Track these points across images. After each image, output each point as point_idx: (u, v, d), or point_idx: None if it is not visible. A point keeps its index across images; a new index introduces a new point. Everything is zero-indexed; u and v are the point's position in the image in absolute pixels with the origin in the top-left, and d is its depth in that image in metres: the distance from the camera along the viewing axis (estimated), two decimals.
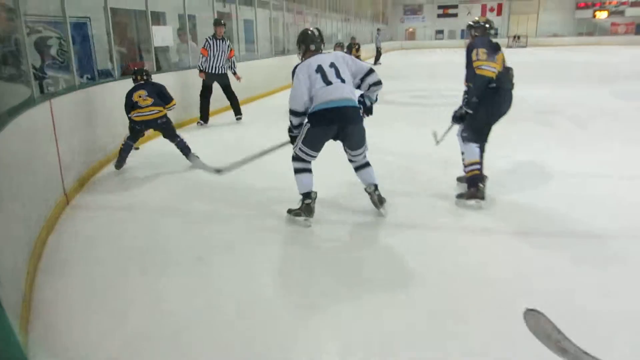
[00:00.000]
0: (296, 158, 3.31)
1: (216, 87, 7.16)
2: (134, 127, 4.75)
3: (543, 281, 2.54)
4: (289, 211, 3.37)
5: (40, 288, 2.56)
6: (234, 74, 7.30)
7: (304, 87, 3.19)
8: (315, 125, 3.19)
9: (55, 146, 3.76)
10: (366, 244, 3.11)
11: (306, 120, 3.25)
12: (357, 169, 3.44)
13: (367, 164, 3.42)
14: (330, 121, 3.16)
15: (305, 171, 3.32)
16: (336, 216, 3.50)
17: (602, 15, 39.30)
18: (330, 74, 3.18)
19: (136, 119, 4.69)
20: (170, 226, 3.45)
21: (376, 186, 3.40)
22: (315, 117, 3.18)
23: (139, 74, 4.90)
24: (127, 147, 4.77)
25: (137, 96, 4.69)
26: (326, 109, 3.12)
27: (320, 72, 3.18)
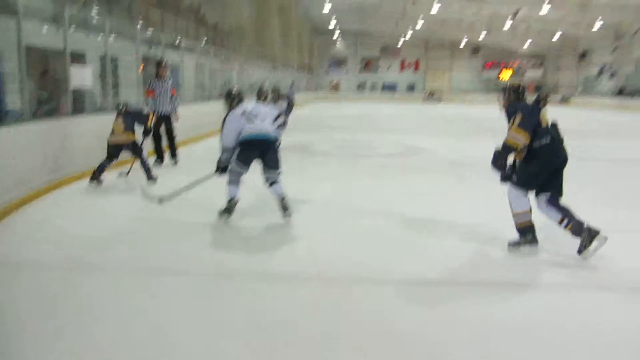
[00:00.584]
0: (231, 171, 4.42)
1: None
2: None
3: None
4: (220, 212, 4.43)
5: None
6: (175, 113, 7.23)
7: (234, 129, 4.39)
8: (245, 148, 4.37)
9: None
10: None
11: (238, 144, 4.37)
12: (270, 184, 4.44)
13: (278, 181, 4.45)
14: (255, 147, 4.38)
15: (235, 183, 4.40)
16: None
17: (505, 75, 43.33)
18: (253, 116, 4.44)
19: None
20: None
21: (283, 197, 4.39)
22: (245, 143, 4.37)
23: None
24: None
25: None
26: (253, 138, 4.36)
27: (246, 115, 4.43)
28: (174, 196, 4.65)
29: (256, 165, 4.44)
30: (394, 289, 3.18)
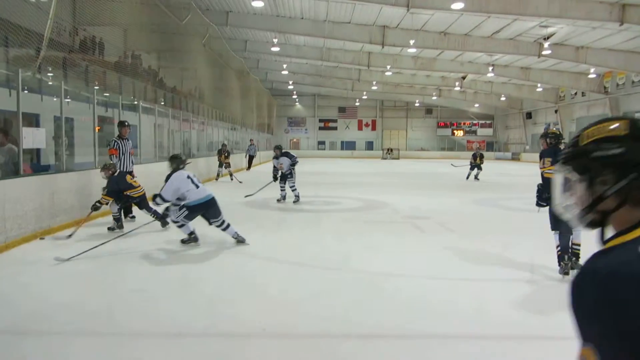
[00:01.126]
0: (179, 225, 5.68)
1: None
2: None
3: None
4: (182, 241, 5.79)
5: None
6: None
7: (176, 186, 5.57)
8: (192, 211, 5.61)
9: None
10: None
11: (185, 207, 5.57)
12: (223, 229, 5.77)
13: (227, 225, 5.78)
14: (201, 208, 5.64)
15: (185, 226, 5.69)
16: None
17: (458, 133, 45.38)
18: (197, 181, 5.72)
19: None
20: None
21: (237, 233, 5.77)
22: (192, 207, 5.59)
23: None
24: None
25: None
26: (199, 203, 5.62)
27: (190, 179, 5.67)
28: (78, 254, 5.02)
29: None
30: (359, 342, 3.13)
